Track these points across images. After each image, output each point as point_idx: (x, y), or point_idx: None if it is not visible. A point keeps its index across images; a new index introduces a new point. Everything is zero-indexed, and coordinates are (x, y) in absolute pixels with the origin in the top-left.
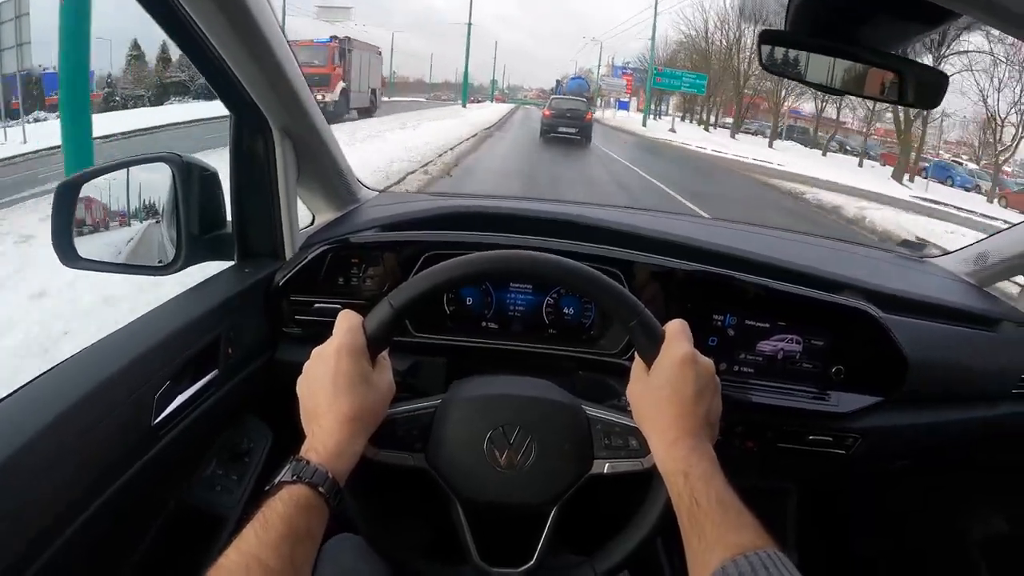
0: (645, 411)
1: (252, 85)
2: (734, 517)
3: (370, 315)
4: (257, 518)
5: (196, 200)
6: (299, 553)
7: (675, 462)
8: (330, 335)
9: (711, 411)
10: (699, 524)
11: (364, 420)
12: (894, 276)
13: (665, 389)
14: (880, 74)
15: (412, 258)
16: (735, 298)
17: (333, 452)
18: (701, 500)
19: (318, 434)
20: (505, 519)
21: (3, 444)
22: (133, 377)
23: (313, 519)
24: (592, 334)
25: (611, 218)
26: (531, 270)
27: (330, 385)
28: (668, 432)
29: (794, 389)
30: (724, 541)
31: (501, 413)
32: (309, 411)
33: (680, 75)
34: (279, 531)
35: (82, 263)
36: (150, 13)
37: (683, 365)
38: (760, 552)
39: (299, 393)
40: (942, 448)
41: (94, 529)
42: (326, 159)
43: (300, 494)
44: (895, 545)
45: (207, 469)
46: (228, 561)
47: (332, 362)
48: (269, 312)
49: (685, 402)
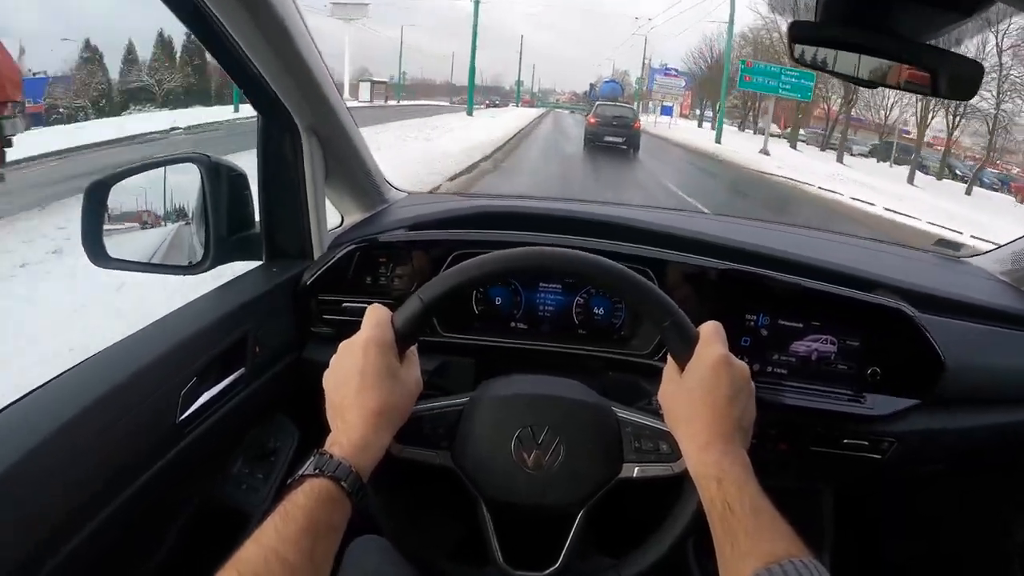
0: (677, 414)
1: (279, 85)
2: (768, 524)
3: (400, 310)
4: (277, 511)
5: (225, 200)
6: (319, 547)
7: (708, 467)
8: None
9: (745, 415)
10: (732, 531)
11: (390, 415)
12: (929, 275)
13: (698, 392)
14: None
15: (440, 257)
16: (768, 297)
17: (357, 446)
18: (734, 506)
19: (342, 428)
20: (531, 521)
21: (26, 438)
22: (158, 374)
23: (335, 513)
24: (622, 334)
25: (641, 217)
26: (562, 267)
27: (357, 378)
28: (700, 436)
29: (828, 391)
30: (758, 549)
31: (529, 413)
32: (335, 404)
33: (778, 72)
34: (299, 524)
35: (112, 263)
36: (176, 14)
37: (717, 367)
38: (795, 560)
39: (325, 386)
40: (979, 452)
41: (116, 525)
42: (354, 159)
43: (322, 487)
44: (929, 549)
45: (234, 467)
46: (247, 554)
47: (360, 355)
48: (297, 311)
49: (718, 405)
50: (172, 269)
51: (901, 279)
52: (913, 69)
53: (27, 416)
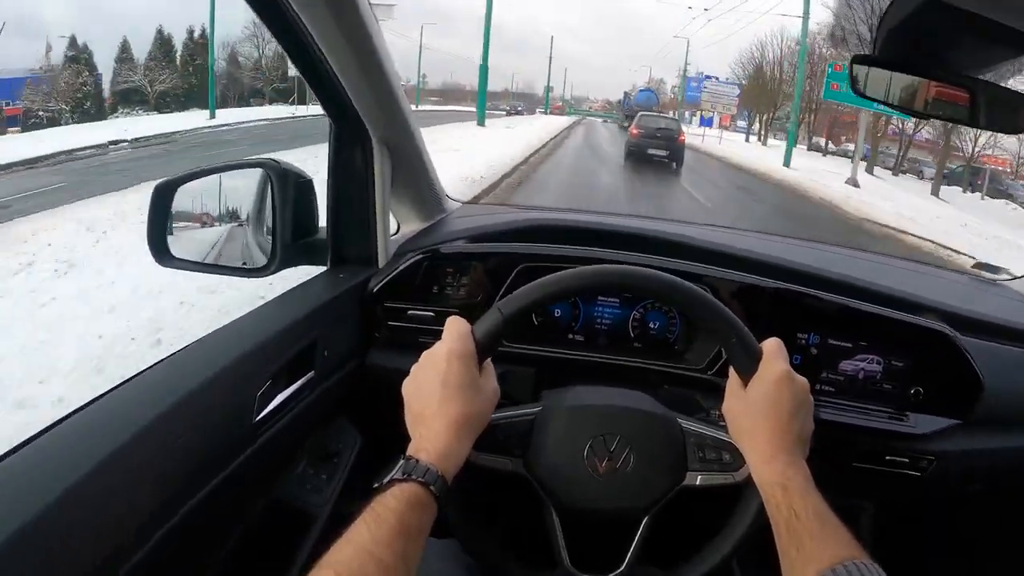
0: (743, 426)
1: (357, 96)
2: (832, 530)
3: (479, 321)
4: (368, 513)
5: (291, 206)
6: (410, 549)
7: (773, 475)
8: (420, 342)
9: (805, 429)
10: (798, 536)
11: (472, 424)
12: (970, 298)
13: (762, 405)
14: (966, 98)
15: (505, 269)
16: (819, 317)
17: (442, 453)
18: (800, 512)
19: (426, 435)
20: (597, 526)
21: (111, 435)
22: (239, 374)
23: (424, 516)
24: (677, 348)
25: (695, 234)
26: (638, 286)
27: (439, 388)
28: (766, 447)
29: (872, 409)
30: (823, 553)
31: (602, 423)
32: (417, 413)
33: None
34: (392, 527)
35: (175, 262)
36: (262, 20)
37: (780, 383)
38: (857, 562)
39: (405, 394)
40: (1016, 472)
41: (195, 520)
42: (420, 169)
43: (411, 492)
44: (970, 569)
45: (298, 468)
46: (341, 555)
47: (443, 366)
48: (362, 317)
49: (782, 419)
50: (235, 271)
51: (943, 301)
52: (953, 96)
53: (115, 412)
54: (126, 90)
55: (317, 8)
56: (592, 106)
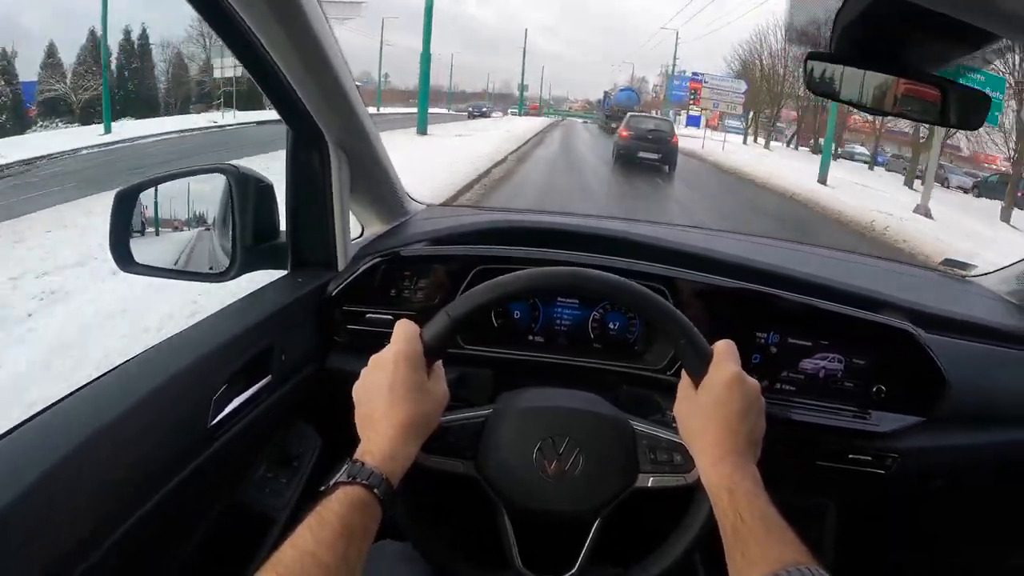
0: (692, 428)
1: (311, 101)
2: (777, 534)
3: (428, 325)
4: (312, 516)
5: (251, 210)
6: (353, 551)
7: (721, 478)
8: (380, 345)
9: (755, 431)
10: (743, 540)
11: (419, 427)
12: (935, 295)
13: (712, 408)
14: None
15: (462, 272)
16: (778, 316)
17: (388, 456)
18: (745, 516)
19: (373, 438)
20: (548, 527)
21: (64, 441)
22: (193, 379)
23: (367, 519)
24: (637, 349)
25: (656, 235)
26: (584, 287)
27: (387, 391)
28: (714, 450)
29: (835, 407)
30: (767, 556)
31: (551, 424)
32: (365, 416)
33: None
34: (335, 529)
35: (138, 268)
36: (211, 27)
37: (731, 385)
38: (802, 567)
39: (355, 398)
40: (982, 469)
41: (149, 525)
42: (378, 172)
43: (355, 494)
44: (933, 565)
45: (258, 472)
46: (284, 557)
47: (390, 369)
48: (321, 321)
49: (731, 421)
50: (197, 276)
51: (908, 299)
52: (923, 94)
53: (68, 418)
54: (51, 99)
55: (263, 12)
56: (572, 106)
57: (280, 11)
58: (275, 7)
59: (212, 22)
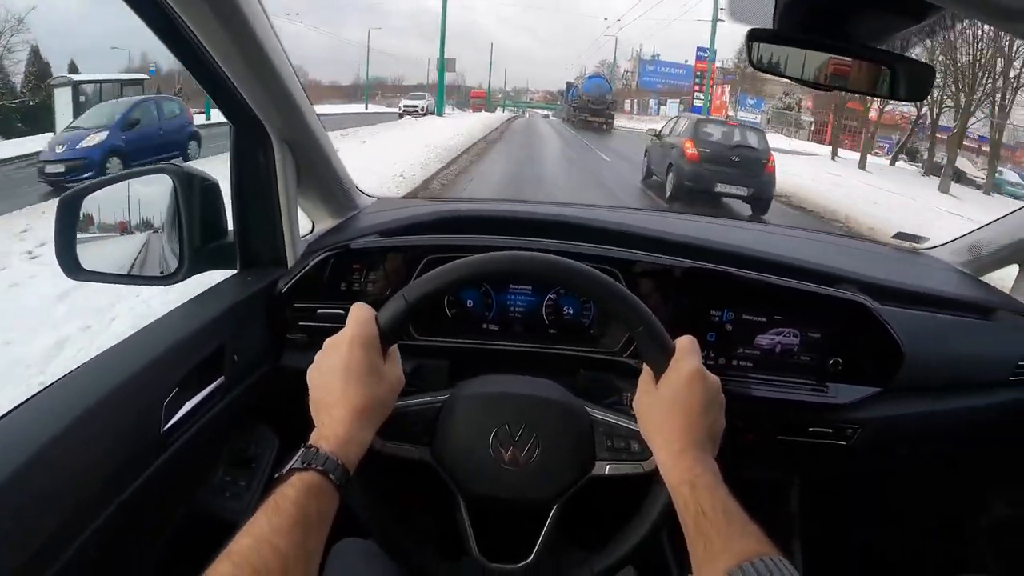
0: (652, 422)
1: (251, 96)
2: (738, 526)
3: (384, 308)
4: (268, 504)
5: (197, 210)
6: (310, 538)
7: (681, 472)
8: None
9: (715, 426)
10: (704, 533)
11: (374, 411)
12: (889, 268)
13: (673, 403)
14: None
15: (413, 262)
16: (732, 294)
17: (343, 440)
18: (706, 509)
19: (328, 423)
20: (506, 515)
21: (12, 456)
22: (141, 385)
23: (324, 504)
24: (592, 333)
25: (609, 218)
26: (539, 272)
27: (341, 375)
28: (674, 444)
29: (793, 382)
30: (729, 549)
31: (507, 411)
32: (319, 400)
33: None
34: (291, 516)
35: (85, 275)
36: (149, 26)
37: (692, 380)
38: (764, 558)
39: (309, 382)
40: (942, 437)
41: (104, 538)
42: (325, 167)
43: (311, 480)
44: (898, 533)
45: (216, 475)
46: (240, 546)
47: (345, 352)
48: (273, 319)
49: (692, 415)
50: (146, 280)
51: (862, 273)
52: (871, 72)
53: (11, 434)
54: None
55: (200, 10)
56: (532, 97)
57: (219, 7)
58: (213, 4)
59: (148, 20)
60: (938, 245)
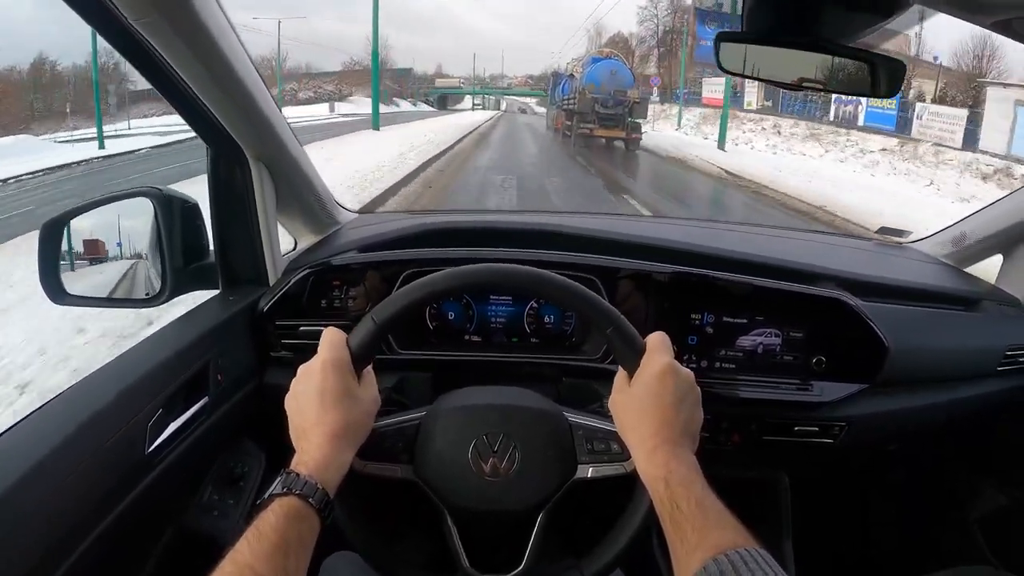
0: (626, 421)
1: (225, 117)
2: (714, 518)
3: (354, 331)
4: (250, 530)
5: (179, 232)
6: (291, 563)
7: (656, 468)
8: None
9: (691, 420)
10: (680, 528)
11: (351, 433)
12: (871, 263)
13: (645, 399)
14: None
15: (392, 277)
16: (712, 296)
17: (321, 465)
18: (682, 505)
19: (307, 448)
20: (494, 526)
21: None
22: (125, 408)
23: (304, 530)
24: (574, 341)
25: (586, 225)
26: (506, 282)
27: (317, 400)
28: (648, 441)
29: (776, 382)
30: (705, 542)
31: (484, 422)
32: (297, 426)
33: None
34: (272, 541)
35: (70, 299)
36: (120, 52)
37: (664, 376)
38: (740, 550)
39: (287, 409)
40: (931, 430)
41: (90, 561)
42: (303, 184)
43: (291, 505)
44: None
45: (204, 495)
46: (223, 573)
47: (318, 378)
48: (256, 337)
49: (665, 411)
50: (130, 303)
51: (844, 269)
52: (842, 70)
53: (2, 456)
54: None
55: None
56: (512, 83)
57: (185, 30)
58: (180, 27)
59: (117, 44)
60: (922, 238)
